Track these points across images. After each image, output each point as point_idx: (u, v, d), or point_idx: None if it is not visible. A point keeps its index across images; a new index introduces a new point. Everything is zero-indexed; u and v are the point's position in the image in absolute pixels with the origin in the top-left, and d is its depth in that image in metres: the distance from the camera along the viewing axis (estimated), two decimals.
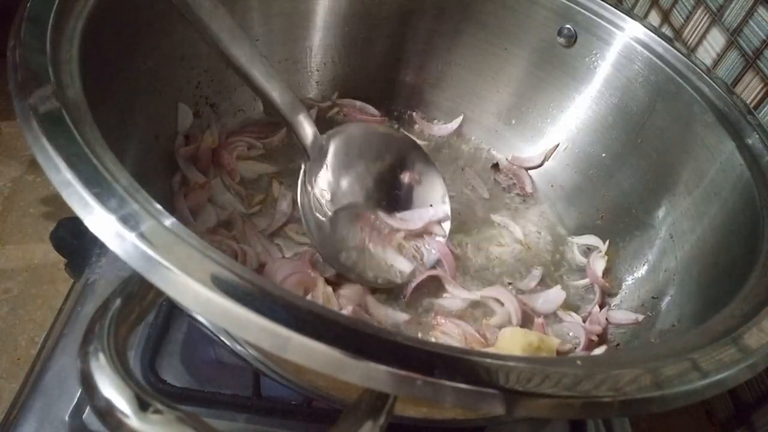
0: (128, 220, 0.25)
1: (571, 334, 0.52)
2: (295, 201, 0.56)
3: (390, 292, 0.52)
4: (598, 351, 0.50)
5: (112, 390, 0.23)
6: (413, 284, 0.52)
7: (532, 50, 0.63)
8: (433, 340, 0.49)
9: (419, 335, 0.49)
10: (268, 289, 0.24)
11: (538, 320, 0.52)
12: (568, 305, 0.55)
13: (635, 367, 0.27)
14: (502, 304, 0.52)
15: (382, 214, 0.54)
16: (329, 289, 0.49)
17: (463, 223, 0.60)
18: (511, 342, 0.48)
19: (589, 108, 0.61)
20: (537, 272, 0.57)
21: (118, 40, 0.43)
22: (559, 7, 0.59)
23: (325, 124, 0.65)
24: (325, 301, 0.48)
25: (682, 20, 0.69)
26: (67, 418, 0.43)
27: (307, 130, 0.51)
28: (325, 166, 0.52)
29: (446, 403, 0.23)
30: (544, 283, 0.56)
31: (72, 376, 0.45)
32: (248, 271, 0.25)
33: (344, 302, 0.49)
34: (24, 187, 1.03)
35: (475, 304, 0.52)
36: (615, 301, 0.54)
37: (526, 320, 0.52)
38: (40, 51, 0.32)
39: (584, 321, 0.52)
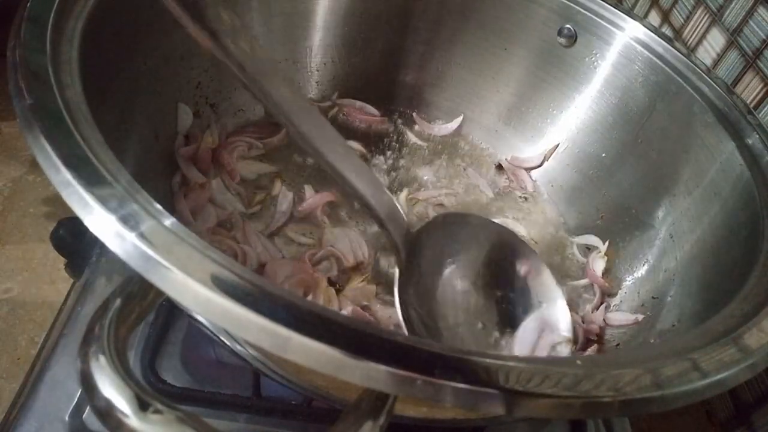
0: (128, 220, 0.25)
1: None
2: (296, 201, 0.56)
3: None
4: (590, 351, 0.50)
5: (112, 390, 0.23)
6: None
7: (532, 50, 0.63)
8: None
9: None
10: (268, 289, 0.24)
11: None
12: (568, 305, 0.54)
13: (635, 367, 0.27)
14: None
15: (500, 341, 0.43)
16: (331, 290, 0.49)
17: None
18: None
19: (589, 108, 0.61)
20: None
21: (118, 40, 0.43)
22: (559, 7, 0.59)
23: None
24: (326, 301, 0.48)
25: (682, 20, 0.69)
26: (67, 418, 0.43)
27: (402, 227, 0.43)
28: (418, 268, 0.43)
29: (446, 403, 0.23)
30: None
31: (72, 376, 0.45)
32: (248, 271, 0.25)
33: (346, 303, 0.49)
34: (24, 187, 1.03)
35: None
36: (615, 301, 0.54)
37: None
38: (40, 51, 0.32)
39: (583, 321, 0.53)
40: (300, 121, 0.40)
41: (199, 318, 0.34)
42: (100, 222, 0.25)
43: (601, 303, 0.54)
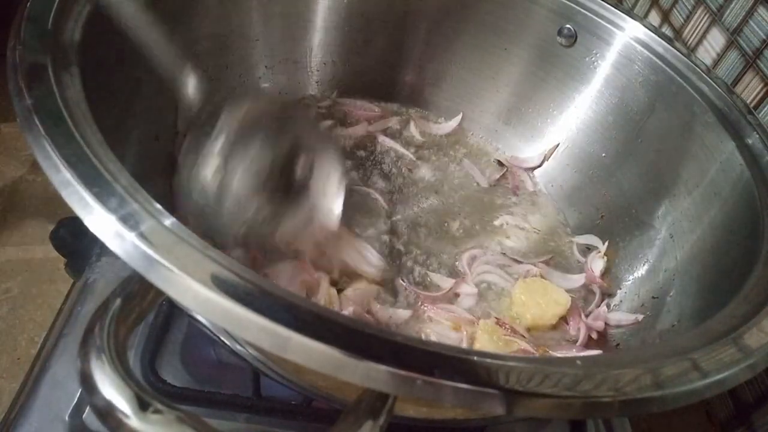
0: (128, 220, 0.25)
1: (571, 329, 0.52)
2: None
3: (395, 294, 0.52)
4: (594, 353, 0.50)
5: (112, 390, 0.23)
6: None
7: (532, 50, 0.63)
8: (426, 331, 0.49)
9: (418, 329, 0.49)
10: (268, 289, 0.24)
11: None
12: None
13: (635, 367, 0.27)
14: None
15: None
16: (333, 290, 0.49)
17: (461, 214, 0.60)
18: (526, 290, 0.52)
19: (589, 108, 0.61)
20: (535, 270, 0.57)
21: (119, 39, 0.43)
22: (559, 7, 0.59)
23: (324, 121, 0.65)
24: (327, 302, 0.48)
25: (682, 20, 0.69)
26: (67, 418, 0.43)
27: (196, 90, 0.46)
28: (214, 137, 0.45)
29: (446, 403, 0.23)
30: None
31: (72, 375, 0.45)
32: (248, 271, 0.25)
33: (347, 304, 0.49)
34: (24, 187, 1.03)
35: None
36: (615, 301, 0.54)
37: None
38: (40, 51, 0.32)
39: (586, 317, 0.53)
40: None
41: (199, 318, 0.34)
42: (100, 222, 0.25)
43: (601, 302, 0.54)
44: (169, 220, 0.26)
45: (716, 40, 0.63)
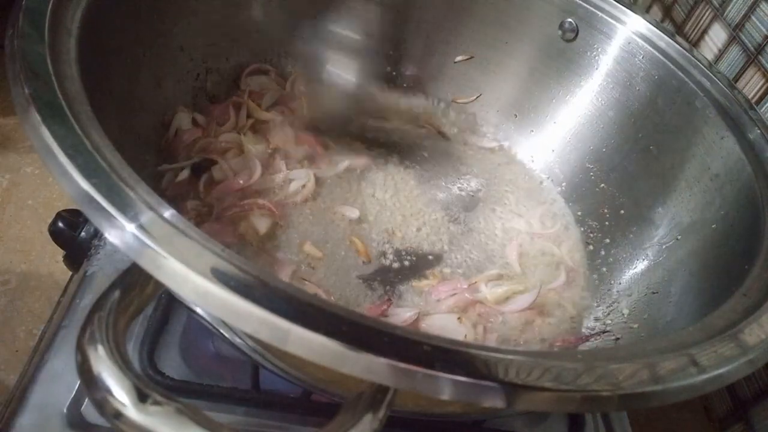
0: (128, 212, 0.25)
1: None
2: None
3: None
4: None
5: (110, 381, 0.23)
6: None
7: (534, 44, 0.63)
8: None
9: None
10: (268, 281, 0.24)
11: None
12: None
13: (634, 362, 0.27)
14: None
15: None
16: None
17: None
18: None
19: (591, 102, 0.61)
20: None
21: (117, 30, 0.43)
22: (560, 1, 0.59)
23: None
24: None
25: (683, 15, 0.69)
26: (65, 410, 0.43)
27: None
28: None
29: (446, 397, 0.23)
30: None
31: (70, 367, 0.45)
32: (249, 263, 0.25)
33: None
34: (22, 179, 1.03)
35: None
36: (612, 297, 0.54)
37: None
38: (38, 41, 0.32)
39: None
40: None
41: (199, 310, 0.34)
42: (100, 213, 0.24)
43: None
44: (168, 212, 0.26)
45: (718, 35, 0.63)
